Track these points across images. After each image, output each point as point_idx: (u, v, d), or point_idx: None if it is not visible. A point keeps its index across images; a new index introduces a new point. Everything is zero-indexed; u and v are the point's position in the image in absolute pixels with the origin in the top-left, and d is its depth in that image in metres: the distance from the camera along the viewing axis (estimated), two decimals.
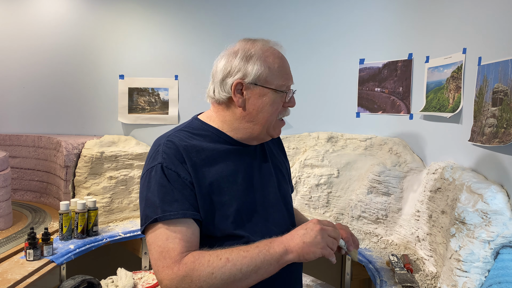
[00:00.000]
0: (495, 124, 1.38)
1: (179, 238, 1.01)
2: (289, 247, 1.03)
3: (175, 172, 1.06)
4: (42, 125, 2.90)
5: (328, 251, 1.05)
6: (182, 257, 1.00)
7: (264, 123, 1.16)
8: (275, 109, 1.16)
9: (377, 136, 2.41)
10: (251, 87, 1.14)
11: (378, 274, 1.69)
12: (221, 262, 0.99)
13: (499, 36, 1.42)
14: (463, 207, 1.27)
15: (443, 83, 1.89)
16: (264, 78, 1.13)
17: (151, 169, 1.08)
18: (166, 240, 1.01)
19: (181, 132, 1.16)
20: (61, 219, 2.02)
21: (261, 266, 1.01)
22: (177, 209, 1.03)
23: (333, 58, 2.60)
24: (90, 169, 2.38)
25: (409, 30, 2.22)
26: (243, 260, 1.00)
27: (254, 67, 1.13)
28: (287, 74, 1.18)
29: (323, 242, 1.04)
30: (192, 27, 2.79)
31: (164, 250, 1.00)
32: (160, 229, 1.02)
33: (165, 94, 2.82)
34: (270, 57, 1.15)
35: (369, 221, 2.17)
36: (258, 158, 1.25)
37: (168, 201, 1.03)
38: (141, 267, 2.29)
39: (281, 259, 1.03)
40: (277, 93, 1.15)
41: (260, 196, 1.20)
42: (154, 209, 1.03)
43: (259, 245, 1.04)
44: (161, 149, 1.09)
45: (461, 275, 1.20)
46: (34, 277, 1.64)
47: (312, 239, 1.03)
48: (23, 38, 2.87)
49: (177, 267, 0.98)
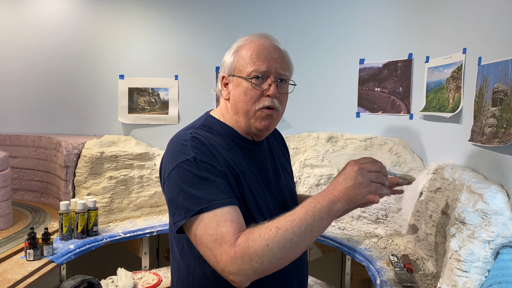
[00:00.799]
0: (495, 124, 1.38)
1: (229, 221, 0.99)
2: (334, 196, 1.01)
3: (210, 165, 1.05)
4: (42, 125, 2.90)
5: (374, 187, 1.01)
6: (236, 238, 0.98)
7: (243, 113, 1.15)
8: (249, 98, 1.13)
9: (377, 136, 2.41)
10: (230, 79, 1.18)
11: (378, 274, 1.69)
12: (272, 232, 0.97)
13: (499, 36, 1.42)
14: (463, 207, 1.27)
15: (443, 83, 1.89)
16: (238, 68, 1.15)
17: (182, 163, 1.05)
18: (217, 227, 0.98)
19: (200, 130, 1.15)
20: (61, 219, 2.02)
21: (313, 224, 0.99)
22: (223, 197, 1.02)
23: (333, 58, 2.60)
24: (90, 169, 2.38)
25: (409, 30, 2.22)
26: (293, 223, 0.98)
27: (229, 59, 1.17)
28: (261, 61, 1.13)
29: (366, 180, 1.00)
30: (192, 27, 2.79)
31: (218, 237, 0.98)
32: (208, 218, 0.99)
33: (165, 94, 2.82)
34: (245, 47, 1.16)
35: (369, 221, 2.17)
36: (268, 159, 1.26)
37: (212, 192, 1.02)
38: (141, 267, 2.29)
39: (331, 211, 1.00)
40: (248, 81, 1.13)
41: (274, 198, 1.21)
42: (197, 201, 1.00)
43: (304, 205, 1.01)
44: (189, 144, 1.08)
45: (461, 275, 1.20)
46: (34, 277, 1.64)
47: (353, 181, 1.00)
48: (23, 38, 2.87)
49: (233, 251, 0.96)
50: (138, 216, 2.52)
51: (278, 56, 1.16)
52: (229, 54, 1.19)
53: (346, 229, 2.22)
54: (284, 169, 1.32)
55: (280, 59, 1.16)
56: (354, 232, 2.17)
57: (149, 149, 2.66)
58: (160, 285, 2.05)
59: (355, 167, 1.02)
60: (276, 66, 1.14)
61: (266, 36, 1.20)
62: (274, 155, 1.29)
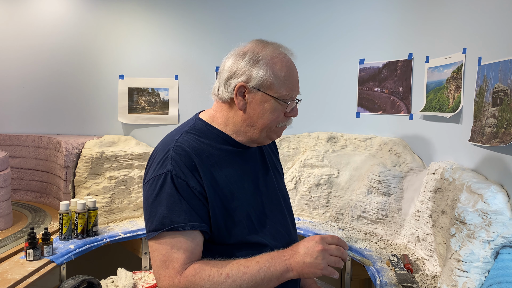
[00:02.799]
0: (495, 124, 1.38)
1: (183, 249, 1.01)
2: (290, 265, 1.03)
3: (184, 181, 1.04)
4: (42, 125, 2.90)
5: (329, 271, 1.04)
6: (184, 268, 1.00)
7: (262, 129, 1.14)
8: (275, 117, 1.13)
9: (377, 136, 2.41)
10: (254, 91, 1.11)
11: (378, 274, 1.69)
12: (221, 278, 1.00)
13: (499, 36, 1.42)
14: (463, 207, 1.27)
15: (443, 83, 1.89)
16: (268, 85, 1.10)
17: (159, 176, 1.05)
18: (170, 250, 1.01)
19: (188, 135, 1.13)
20: (61, 219, 2.02)
21: (261, 283, 1.02)
22: (185, 220, 1.02)
23: (333, 58, 2.60)
24: (90, 169, 2.38)
25: (409, 30, 2.22)
26: (243, 276, 1.01)
27: (259, 72, 1.09)
28: (293, 84, 1.14)
29: (324, 264, 1.03)
30: (192, 27, 2.78)
31: (168, 259, 1.01)
32: (166, 238, 1.02)
33: (165, 94, 2.82)
34: (278, 64, 1.11)
35: (369, 221, 2.17)
36: (259, 160, 1.25)
37: (177, 212, 1.02)
38: (141, 267, 2.29)
39: (281, 277, 1.04)
40: (279, 102, 1.12)
41: (266, 198, 1.20)
42: (161, 219, 1.02)
43: (259, 260, 1.03)
44: (171, 155, 1.06)
45: (461, 275, 1.20)
46: (34, 277, 1.64)
47: (313, 260, 1.02)
48: (23, 38, 2.87)
49: (178, 279, 0.99)
50: (138, 216, 2.52)
51: (298, 77, 1.18)
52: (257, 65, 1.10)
53: (346, 229, 2.22)
54: (275, 169, 1.31)
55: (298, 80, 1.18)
56: (354, 232, 2.17)
57: (149, 149, 2.66)
58: None
59: (319, 247, 1.03)
60: (298, 88, 1.17)
61: (289, 51, 1.18)
62: (265, 155, 1.28)
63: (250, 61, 1.10)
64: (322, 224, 2.31)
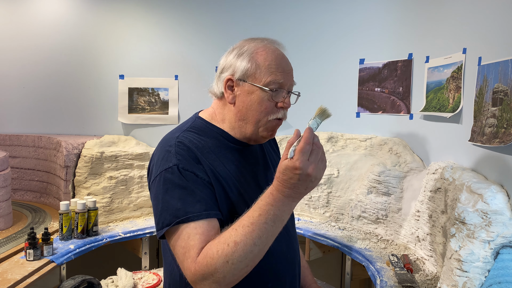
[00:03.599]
0: (495, 124, 1.38)
1: (199, 234, 0.98)
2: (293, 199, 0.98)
3: (192, 173, 1.03)
4: (42, 125, 2.90)
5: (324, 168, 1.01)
6: (198, 253, 0.97)
7: (254, 122, 1.13)
8: (263, 108, 1.11)
9: (377, 136, 2.41)
10: (241, 83, 1.12)
11: (378, 274, 1.69)
12: (230, 248, 0.94)
13: (499, 36, 1.42)
14: (463, 207, 1.27)
15: (443, 83, 1.89)
16: (252, 75, 1.11)
17: (165, 171, 1.04)
18: (187, 239, 0.98)
19: (188, 133, 1.13)
20: (61, 219, 2.02)
21: (275, 229, 0.97)
22: (200, 209, 1.00)
23: (333, 58, 2.60)
24: (90, 169, 2.38)
25: (409, 30, 2.22)
26: (252, 234, 0.95)
27: (242, 63, 1.11)
28: (279, 72, 1.12)
29: (320, 173, 0.99)
30: (192, 27, 2.79)
31: (186, 250, 0.98)
32: (183, 230, 0.99)
33: (165, 94, 2.82)
34: (262, 54, 1.12)
35: (369, 221, 2.16)
36: (259, 158, 1.25)
37: (190, 203, 1.01)
38: (141, 267, 2.29)
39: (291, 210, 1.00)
40: (265, 91, 1.11)
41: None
42: (175, 212, 1.00)
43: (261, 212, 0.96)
44: (174, 150, 1.06)
45: (461, 275, 1.20)
46: (34, 277, 1.64)
47: (312, 182, 0.97)
48: (23, 38, 2.87)
49: (194, 267, 0.96)
50: (138, 216, 2.52)
51: (291, 68, 1.16)
52: (241, 57, 1.12)
53: (346, 229, 2.22)
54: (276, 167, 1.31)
55: (291, 71, 1.17)
56: (354, 232, 2.17)
57: (149, 149, 2.66)
58: (160, 285, 2.05)
59: (309, 170, 0.95)
60: (290, 78, 1.15)
61: (278, 43, 1.18)
62: (265, 153, 1.29)
63: (236, 55, 1.14)
64: (322, 224, 2.31)
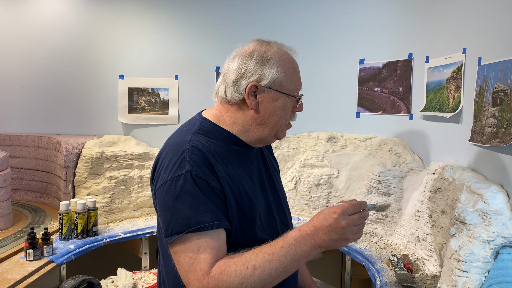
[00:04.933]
0: (495, 124, 1.38)
1: (210, 248, 1.00)
2: (316, 243, 1.02)
3: (205, 181, 1.03)
4: (42, 125, 2.90)
5: (356, 238, 1.04)
6: (211, 268, 0.99)
7: (273, 127, 1.16)
8: (285, 113, 1.17)
9: (377, 136, 2.41)
10: (266, 90, 1.13)
11: (378, 274, 1.69)
12: (248, 271, 0.98)
13: (499, 36, 1.42)
14: (463, 207, 1.27)
15: (443, 83, 1.89)
16: (279, 83, 1.13)
17: (178, 177, 1.03)
18: (197, 251, 0.99)
19: (198, 135, 1.12)
20: (61, 219, 2.02)
21: (290, 266, 1.01)
22: (212, 220, 1.01)
23: (333, 58, 2.60)
24: (90, 169, 2.38)
25: (409, 30, 2.22)
26: (270, 264, 0.99)
27: (271, 71, 1.12)
28: (299, 79, 1.20)
29: (351, 236, 1.02)
30: (192, 27, 2.78)
31: (195, 261, 0.99)
32: (192, 240, 1.00)
33: (165, 94, 2.82)
34: (287, 62, 1.15)
35: (369, 221, 2.16)
36: (260, 160, 1.27)
37: (202, 212, 1.01)
38: (141, 267, 2.29)
39: (309, 255, 1.03)
40: (289, 98, 1.16)
41: (271, 198, 1.22)
42: (185, 221, 1.00)
43: (283, 244, 1.01)
44: (187, 155, 1.05)
45: (461, 275, 1.20)
46: (34, 277, 1.64)
47: (339, 236, 1.01)
48: (23, 38, 2.87)
49: (206, 280, 0.97)
50: (138, 216, 2.52)
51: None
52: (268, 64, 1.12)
53: None
54: (274, 169, 1.33)
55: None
56: None
57: (149, 149, 2.66)
58: None
59: (343, 223, 1.00)
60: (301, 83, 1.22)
61: (290, 48, 1.21)
62: (264, 155, 1.31)
63: (259, 61, 1.12)
64: None
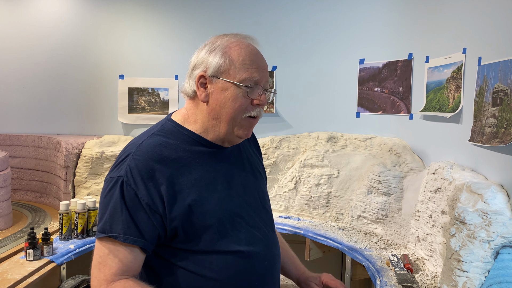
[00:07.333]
0: (495, 124, 1.38)
1: (119, 259, 1.00)
2: None
3: (133, 190, 1.00)
4: (42, 125, 2.90)
5: None
6: (114, 280, 0.99)
7: (228, 120, 1.08)
8: (238, 105, 1.06)
9: (377, 136, 2.41)
10: (214, 80, 1.07)
11: (378, 274, 1.68)
12: None
13: (499, 36, 1.42)
14: (463, 207, 1.27)
15: (443, 83, 1.89)
16: (226, 71, 1.06)
17: (111, 178, 1.03)
18: (107, 255, 1.00)
19: (155, 137, 1.09)
20: (61, 219, 2.02)
21: None
22: (120, 231, 1.00)
23: (333, 58, 2.60)
24: (90, 169, 2.38)
25: (409, 30, 2.22)
26: None
27: (215, 59, 1.07)
28: (254, 68, 1.08)
29: None
30: (192, 27, 2.79)
31: (102, 263, 1.00)
32: (107, 242, 1.01)
33: (165, 94, 2.82)
34: (235, 49, 1.08)
35: (369, 221, 2.16)
36: (235, 160, 1.19)
37: (116, 221, 1.00)
38: None
39: None
40: (240, 88, 1.06)
41: (243, 200, 1.15)
42: (104, 224, 1.02)
43: None
44: (128, 160, 1.03)
45: (461, 275, 1.20)
46: (34, 277, 1.64)
47: None
48: (23, 38, 2.87)
49: (104, 287, 0.99)
50: None
51: (266, 64, 1.13)
52: (213, 52, 1.08)
53: (346, 229, 2.22)
54: (256, 170, 1.26)
55: (267, 67, 1.13)
56: (354, 232, 2.17)
57: None
58: None
59: None
60: (265, 74, 1.11)
61: (252, 38, 1.15)
62: (243, 156, 1.23)
63: (207, 51, 1.10)
64: (322, 224, 2.31)
